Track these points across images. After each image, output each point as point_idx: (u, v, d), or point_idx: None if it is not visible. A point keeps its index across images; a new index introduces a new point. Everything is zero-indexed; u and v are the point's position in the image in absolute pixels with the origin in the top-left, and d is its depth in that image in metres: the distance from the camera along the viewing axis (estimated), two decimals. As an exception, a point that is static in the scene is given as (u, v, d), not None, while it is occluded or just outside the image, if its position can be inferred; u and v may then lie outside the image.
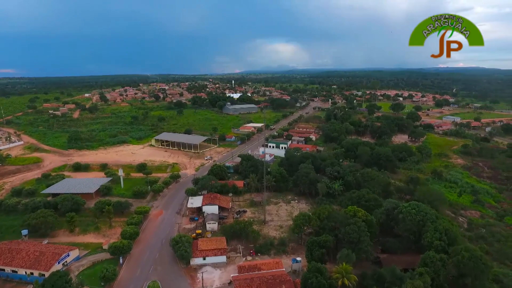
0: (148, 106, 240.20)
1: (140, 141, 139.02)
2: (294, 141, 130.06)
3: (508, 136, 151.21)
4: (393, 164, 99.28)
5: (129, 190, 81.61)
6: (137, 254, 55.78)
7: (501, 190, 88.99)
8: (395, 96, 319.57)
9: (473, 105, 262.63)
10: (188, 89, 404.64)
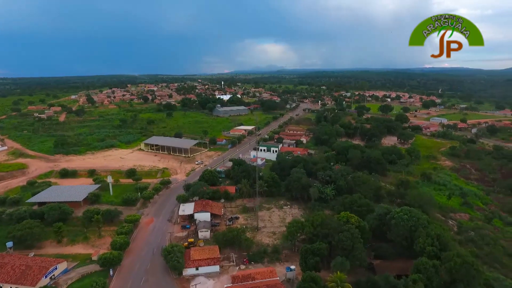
0: (137, 108, 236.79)
1: (129, 145, 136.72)
2: (285, 144, 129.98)
3: (493, 138, 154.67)
4: (383, 167, 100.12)
5: (119, 197, 79.88)
6: (127, 265, 54.50)
7: (488, 192, 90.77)
8: (383, 97, 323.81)
9: (458, 106, 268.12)
10: (177, 90, 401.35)
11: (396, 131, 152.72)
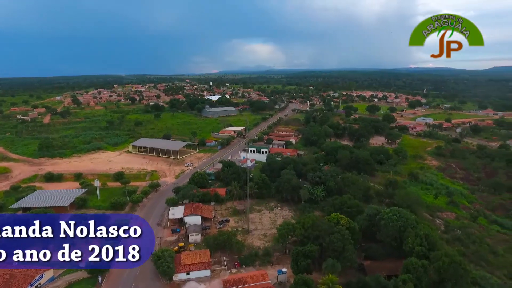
0: (124, 109, 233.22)
1: (116, 147, 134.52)
2: (274, 145, 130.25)
3: (476, 137, 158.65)
4: (372, 167, 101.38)
5: (106, 201, 78.43)
6: (116, 272, 53.43)
7: (473, 191, 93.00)
8: (370, 97, 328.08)
9: (443, 106, 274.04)
10: (165, 91, 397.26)
11: (384, 131, 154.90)
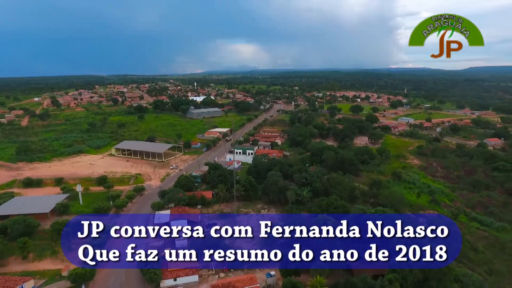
0: (106, 111, 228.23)
1: (99, 150, 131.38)
2: (260, 146, 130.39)
3: (456, 136, 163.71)
4: (357, 168, 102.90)
5: (89, 206, 76.30)
6: (101, 280, 52.20)
7: (453, 189, 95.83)
8: (353, 97, 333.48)
9: (423, 106, 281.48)
10: (148, 91, 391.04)
11: (367, 131, 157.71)
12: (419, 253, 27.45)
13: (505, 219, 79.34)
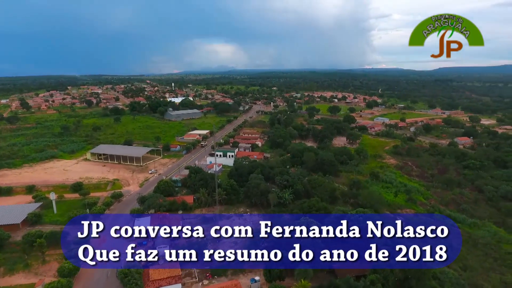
0: (80, 113, 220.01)
1: (73, 155, 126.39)
2: (241, 149, 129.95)
3: (428, 135, 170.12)
4: (336, 168, 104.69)
5: (64, 215, 73.16)
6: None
7: (428, 188, 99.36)
8: (330, 97, 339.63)
9: (397, 106, 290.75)
10: (124, 92, 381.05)
11: (345, 131, 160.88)
12: (419, 253, 27.62)
13: (476, 215, 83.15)
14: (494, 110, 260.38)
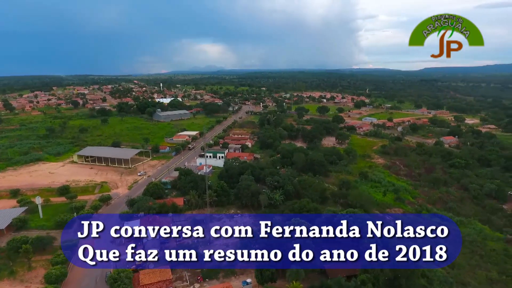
0: (66, 114, 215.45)
1: (59, 157, 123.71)
2: (231, 149, 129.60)
3: (415, 135, 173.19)
4: (326, 169, 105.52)
5: (51, 220, 71.65)
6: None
7: (416, 187, 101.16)
8: (319, 97, 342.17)
9: (385, 106, 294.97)
10: (111, 93, 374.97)
11: (334, 131, 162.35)
12: (419, 253, 27.67)
13: (462, 213, 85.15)
14: (478, 109, 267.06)
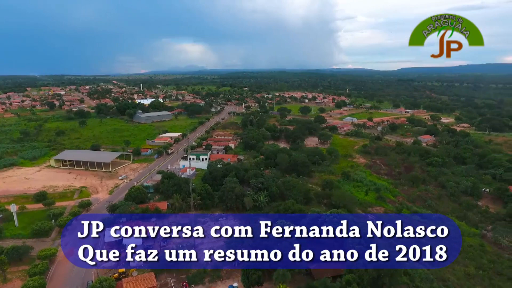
0: (41, 116, 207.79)
1: (35, 162, 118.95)
2: (214, 151, 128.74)
3: (394, 134, 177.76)
4: (309, 169, 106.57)
5: (27, 228, 68.86)
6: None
7: (396, 185, 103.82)
8: (301, 98, 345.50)
9: (364, 105, 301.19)
10: (89, 94, 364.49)
11: (316, 132, 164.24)
12: (419, 253, 28.01)
13: (440, 210, 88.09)
14: (452, 108, 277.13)
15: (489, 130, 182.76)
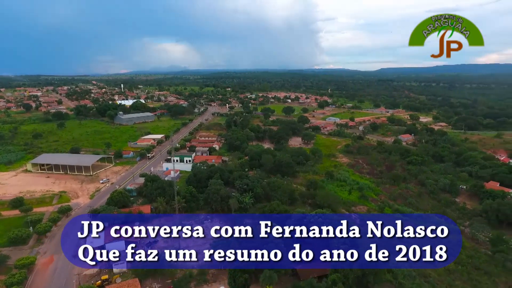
0: (17, 119, 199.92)
1: (10, 166, 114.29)
2: (198, 153, 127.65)
3: (375, 133, 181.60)
4: (293, 169, 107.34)
5: (3, 236, 66.14)
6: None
7: (378, 184, 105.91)
8: (284, 98, 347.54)
9: (346, 105, 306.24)
10: (68, 95, 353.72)
11: (300, 132, 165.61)
12: (419, 253, 28.10)
13: (420, 208, 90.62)
14: (430, 108, 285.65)
15: (465, 128, 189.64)
